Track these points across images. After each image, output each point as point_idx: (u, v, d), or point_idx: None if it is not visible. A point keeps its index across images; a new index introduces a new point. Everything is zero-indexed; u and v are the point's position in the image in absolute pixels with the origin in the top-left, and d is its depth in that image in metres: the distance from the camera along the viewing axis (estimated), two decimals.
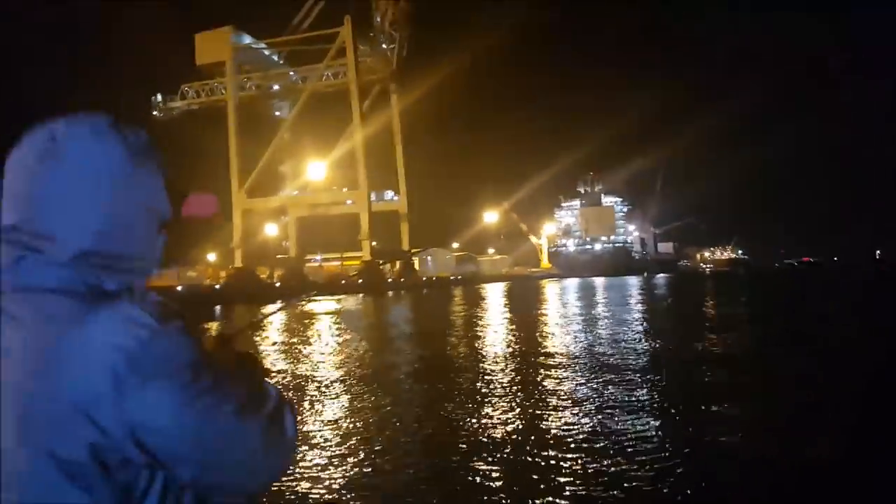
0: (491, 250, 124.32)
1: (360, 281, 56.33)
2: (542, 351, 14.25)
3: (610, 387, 9.75)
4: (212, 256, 65.34)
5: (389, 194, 71.04)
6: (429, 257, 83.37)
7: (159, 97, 66.27)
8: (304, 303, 35.99)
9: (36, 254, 0.82)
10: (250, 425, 0.84)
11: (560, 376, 10.94)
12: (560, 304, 34.95)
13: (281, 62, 66.88)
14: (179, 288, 49.10)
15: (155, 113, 66.00)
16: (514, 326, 21.71)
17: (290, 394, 10.18)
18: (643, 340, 15.93)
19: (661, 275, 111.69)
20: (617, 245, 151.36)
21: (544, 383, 10.34)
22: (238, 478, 0.85)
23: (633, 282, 74.79)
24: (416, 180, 74.29)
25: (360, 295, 49.14)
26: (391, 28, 64.91)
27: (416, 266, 74.35)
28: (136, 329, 0.78)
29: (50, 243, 0.83)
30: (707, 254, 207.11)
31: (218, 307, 41.51)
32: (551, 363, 12.41)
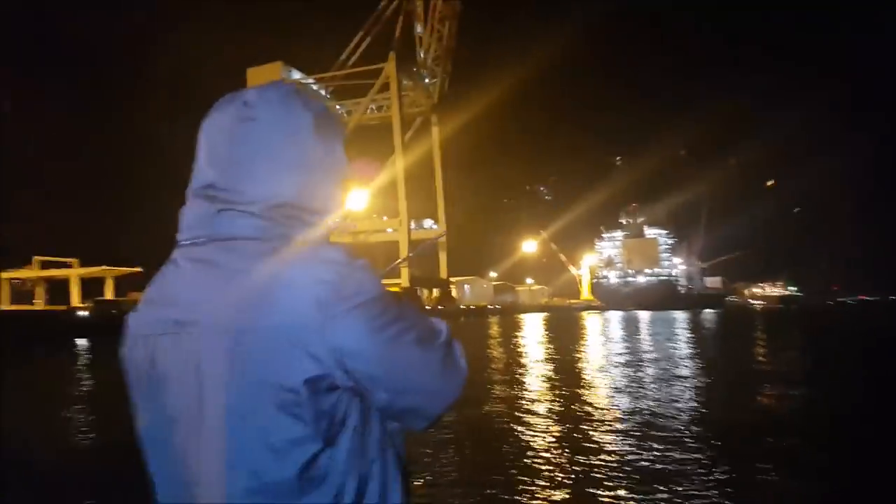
0: (529, 280, 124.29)
1: None
2: (587, 402, 12.53)
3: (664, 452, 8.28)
4: None
5: (429, 223, 72.70)
6: (466, 286, 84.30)
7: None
8: None
9: (233, 207, 0.92)
10: (430, 353, 0.93)
11: (607, 441, 9.08)
12: (604, 340, 33.40)
13: (328, 96, 69.97)
14: None
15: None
16: (553, 368, 19.19)
17: None
18: (697, 395, 13.82)
19: (708, 310, 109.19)
20: (661, 278, 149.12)
21: (594, 453, 8.50)
22: (423, 401, 0.94)
23: (680, 317, 73.07)
24: (455, 209, 76.02)
25: None
26: (434, 64, 67.44)
27: (455, 294, 75.37)
28: (334, 265, 0.87)
29: (245, 197, 0.92)
30: (756, 289, 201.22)
31: None
32: (596, 419, 10.59)
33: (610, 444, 8.86)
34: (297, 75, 67.57)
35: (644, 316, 77.33)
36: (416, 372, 0.91)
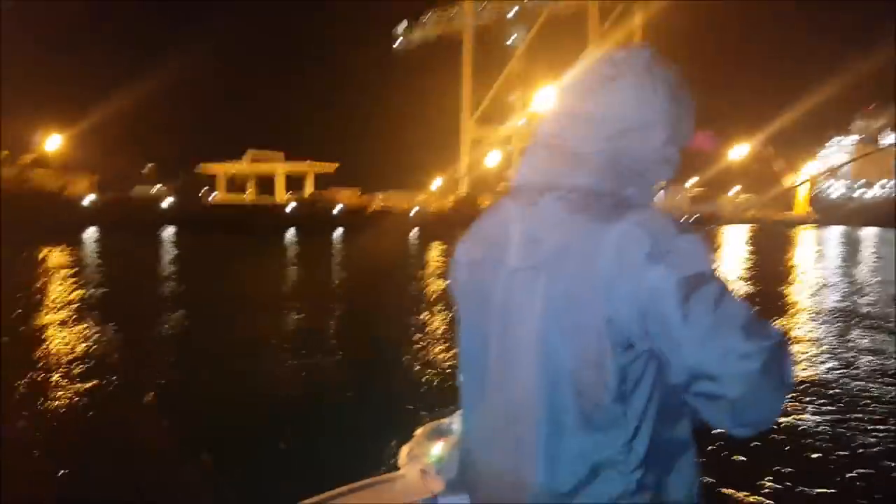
0: (736, 189, 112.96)
1: None
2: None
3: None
4: (437, 182, 68.95)
5: None
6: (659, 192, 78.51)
7: (401, 28, 69.90)
8: None
9: (575, 158, 0.97)
10: (752, 346, 0.86)
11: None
12: (812, 264, 29.10)
13: None
14: (413, 211, 53.06)
15: (397, 43, 69.97)
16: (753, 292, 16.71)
17: None
18: None
19: None
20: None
21: None
22: (727, 395, 0.87)
23: None
24: None
25: None
26: None
27: None
28: (659, 225, 0.89)
29: (588, 149, 0.97)
30: None
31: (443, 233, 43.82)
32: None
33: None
34: None
35: (869, 233, 66.75)
36: (727, 359, 0.87)
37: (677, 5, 62.10)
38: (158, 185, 61.81)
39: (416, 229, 43.99)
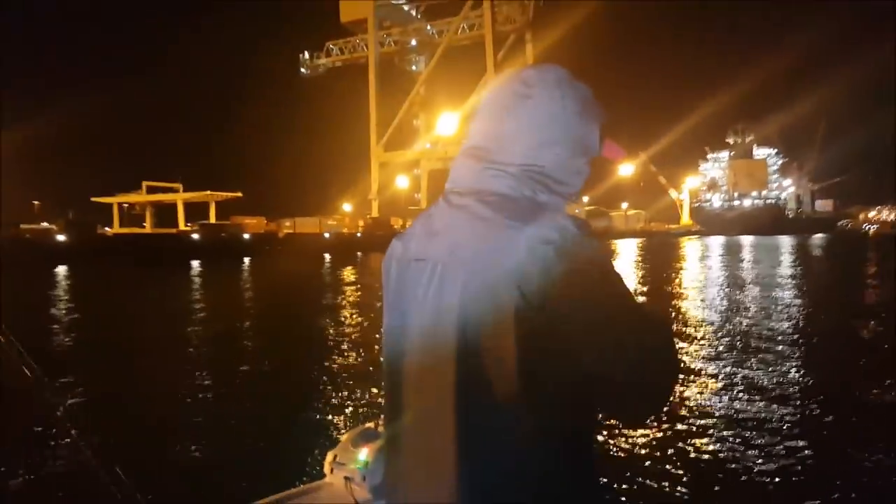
0: (625, 205, 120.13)
1: None
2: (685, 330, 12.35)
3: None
4: (348, 206, 69.42)
5: None
6: None
7: (306, 55, 70.32)
8: None
9: (494, 167, 1.06)
10: (644, 336, 0.97)
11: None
12: (701, 268, 32.56)
13: (419, 17, 67.98)
14: (326, 235, 53.22)
15: (302, 70, 70.25)
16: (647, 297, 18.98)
17: None
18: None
19: (818, 236, 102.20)
20: (769, 202, 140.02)
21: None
22: (630, 377, 0.96)
23: (786, 242, 69.08)
24: None
25: None
26: None
27: None
28: (565, 231, 0.96)
29: (506, 160, 1.06)
30: (872, 214, 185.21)
31: (359, 253, 44.43)
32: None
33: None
34: None
35: (747, 241, 73.47)
36: (624, 349, 0.94)
37: (565, 36, 66.48)
38: (45, 223, 58.08)
39: (327, 254, 44.22)
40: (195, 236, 48.80)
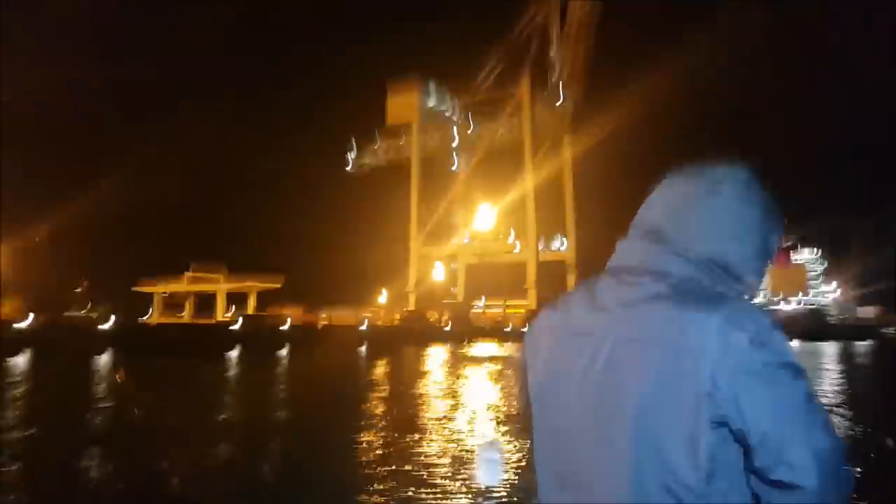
0: None
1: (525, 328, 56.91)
2: None
3: None
4: (382, 298, 70.01)
5: (557, 243, 71.53)
6: None
7: (352, 154, 73.90)
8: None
9: (674, 251, 1.07)
10: (832, 442, 0.93)
11: None
12: None
13: (459, 120, 71.35)
14: (363, 327, 53.58)
15: (349, 168, 73.67)
16: None
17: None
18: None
19: (861, 342, 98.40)
20: (811, 307, 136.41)
21: None
22: (803, 485, 0.91)
23: (829, 350, 66.63)
24: (585, 228, 74.09)
25: None
26: (566, 85, 66.64)
27: None
28: (758, 320, 0.96)
29: (687, 247, 1.07)
30: None
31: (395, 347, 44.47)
32: None
33: None
34: (433, 102, 69.51)
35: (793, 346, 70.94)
36: (811, 452, 0.91)
37: (599, 143, 68.57)
38: (89, 306, 59.68)
39: (366, 344, 44.38)
40: (235, 327, 49.59)
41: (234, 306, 63.89)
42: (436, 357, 36.05)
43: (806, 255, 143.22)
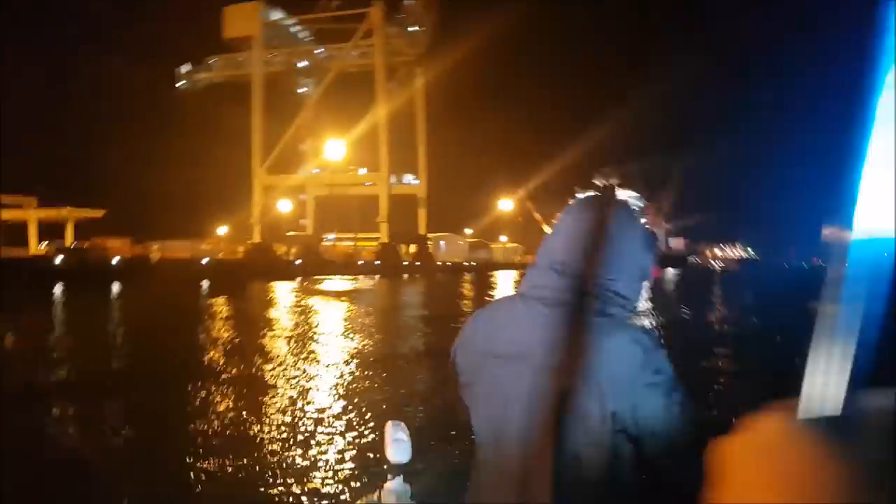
0: (504, 238, 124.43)
1: (377, 262, 56.75)
2: None
3: None
4: (222, 230, 65.74)
5: (409, 178, 71.15)
6: (442, 242, 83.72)
7: (184, 68, 66.55)
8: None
9: (574, 282, 1.27)
10: (694, 429, 1.21)
11: None
12: None
13: (308, 39, 66.85)
14: (204, 260, 49.79)
15: (180, 84, 66.36)
16: None
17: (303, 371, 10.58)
18: None
19: (670, 270, 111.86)
20: None
21: None
22: (676, 462, 1.21)
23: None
24: (435, 165, 74.21)
25: (377, 276, 49.66)
26: (421, 10, 64.70)
27: (431, 249, 74.67)
28: (645, 344, 1.21)
29: (586, 278, 1.27)
30: (717, 250, 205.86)
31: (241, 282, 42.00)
32: None
33: None
34: (277, 15, 64.19)
35: None
36: (680, 440, 1.20)
37: (452, 75, 68.16)
38: None
39: (207, 280, 41.47)
40: (57, 262, 43.66)
41: (47, 240, 56.23)
42: (285, 293, 34.65)
43: (627, 194, 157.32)
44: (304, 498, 5.85)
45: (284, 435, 7.73)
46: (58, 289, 34.51)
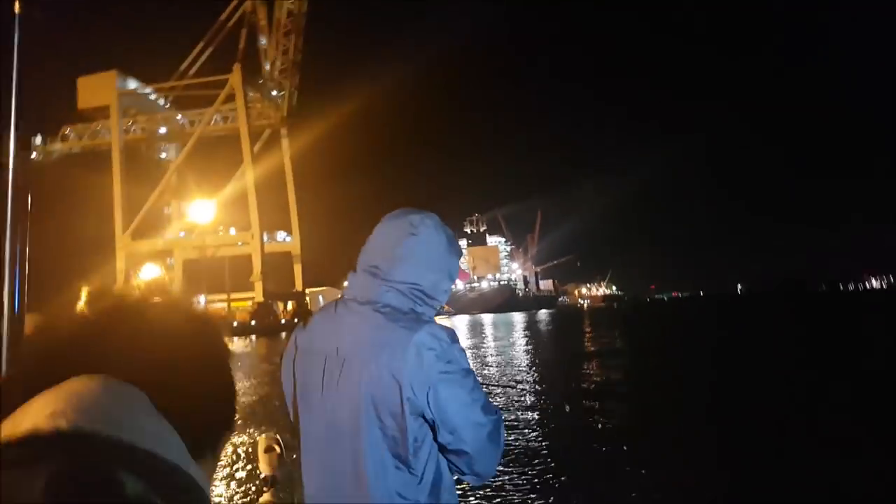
0: None
1: (253, 322, 56.47)
2: None
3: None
4: (82, 301, 61.89)
5: (282, 235, 71.28)
6: (320, 296, 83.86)
7: (38, 139, 63.86)
8: None
9: (388, 284, 1.46)
10: (487, 419, 1.39)
11: None
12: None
13: (167, 106, 66.79)
14: None
15: (34, 155, 63.38)
16: None
17: None
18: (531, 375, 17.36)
19: (543, 311, 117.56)
20: (502, 283, 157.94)
21: None
22: (467, 450, 1.38)
23: (518, 318, 78.22)
24: (309, 221, 75.17)
25: (252, 337, 49.09)
26: (281, 76, 66.51)
27: (310, 306, 74.89)
28: (441, 338, 1.37)
29: (397, 279, 1.46)
30: (584, 290, 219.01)
31: None
32: None
33: None
34: (133, 84, 63.86)
35: (487, 319, 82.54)
36: (475, 429, 1.37)
37: (318, 136, 70.35)
38: None
39: None
40: None
41: None
42: None
43: (496, 240, 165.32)
44: None
45: None
46: None
